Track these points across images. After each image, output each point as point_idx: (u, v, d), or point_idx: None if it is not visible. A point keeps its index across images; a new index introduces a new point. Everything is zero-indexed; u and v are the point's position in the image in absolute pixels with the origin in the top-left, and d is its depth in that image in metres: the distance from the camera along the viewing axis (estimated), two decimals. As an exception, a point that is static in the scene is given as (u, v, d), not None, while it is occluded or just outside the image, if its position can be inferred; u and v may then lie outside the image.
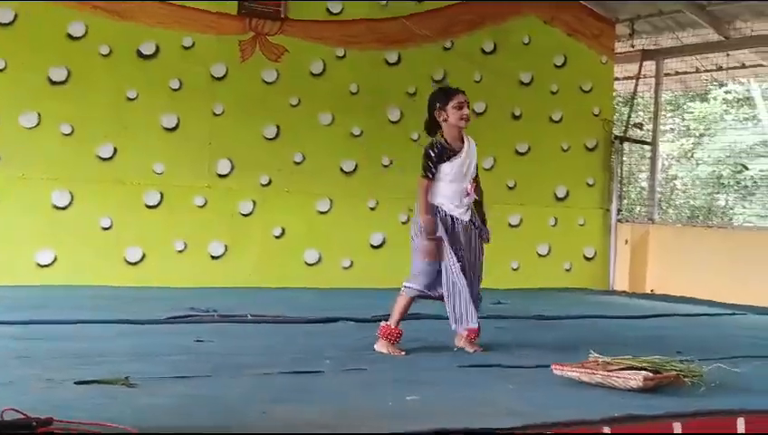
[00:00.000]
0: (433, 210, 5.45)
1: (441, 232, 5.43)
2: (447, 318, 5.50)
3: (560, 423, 3.44)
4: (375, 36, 9.96)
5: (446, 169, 5.46)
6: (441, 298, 5.48)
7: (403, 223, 9.41)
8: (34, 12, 8.52)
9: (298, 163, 9.67)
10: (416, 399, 3.92)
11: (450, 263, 5.40)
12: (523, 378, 4.58)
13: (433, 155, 5.46)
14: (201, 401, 3.76)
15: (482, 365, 4.91)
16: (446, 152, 5.47)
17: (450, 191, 5.48)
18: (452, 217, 5.49)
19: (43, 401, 3.54)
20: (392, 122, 9.96)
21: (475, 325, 5.44)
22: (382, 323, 5.45)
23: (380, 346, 5.36)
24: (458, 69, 10.37)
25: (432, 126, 5.59)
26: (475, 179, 5.63)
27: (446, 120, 5.52)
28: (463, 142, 5.56)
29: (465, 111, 5.53)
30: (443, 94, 5.62)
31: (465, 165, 5.53)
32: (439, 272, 5.47)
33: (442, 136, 5.54)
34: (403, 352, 5.31)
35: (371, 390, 4.17)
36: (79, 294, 7.84)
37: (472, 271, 5.53)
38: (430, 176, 5.46)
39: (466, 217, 5.56)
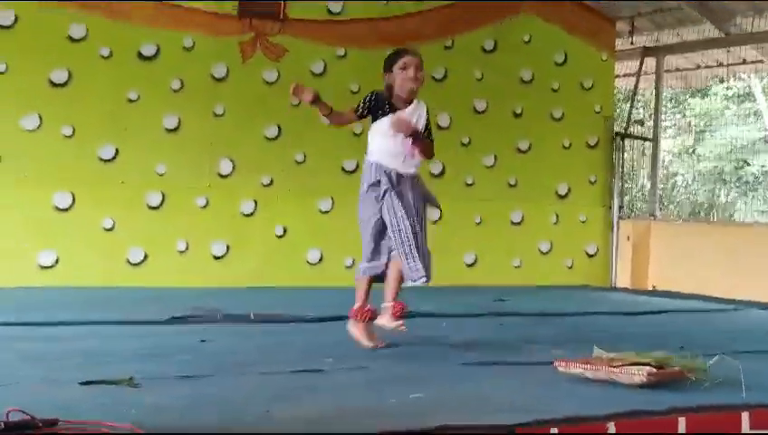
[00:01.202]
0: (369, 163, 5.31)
1: (386, 184, 5.24)
2: (446, 315, 5.52)
3: (564, 419, 3.44)
4: (376, 35, 9.95)
5: (385, 123, 5.29)
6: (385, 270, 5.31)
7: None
8: (35, 14, 8.53)
9: (299, 163, 9.67)
10: (419, 396, 3.93)
11: (397, 210, 5.20)
12: (526, 374, 4.58)
13: (367, 98, 5.34)
14: (206, 400, 3.76)
15: (485, 362, 4.90)
16: (381, 103, 5.31)
17: (391, 147, 5.29)
18: (395, 172, 5.29)
19: (48, 401, 3.55)
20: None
21: (424, 279, 5.18)
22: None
23: (351, 326, 5.34)
24: (459, 67, 10.39)
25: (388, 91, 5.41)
26: (427, 139, 5.40)
27: (393, 83, 5.38)
28: (410, 103, 5.38)
29: (411, 71, 5.33)
30: (389, 57, 5.45)
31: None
32: (380, 234, 5.31)
33: (389, 92, 5.37)
34: (381, 344, 5.26)
35: (374, 387, 4.17)
36: (81, 296, 7.84)
37: (418, 225, 5.26)
38: (356, 109, 5.34)
39: (411, 171, 5.35)
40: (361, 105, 5.37)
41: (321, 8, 9.77)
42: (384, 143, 5.33)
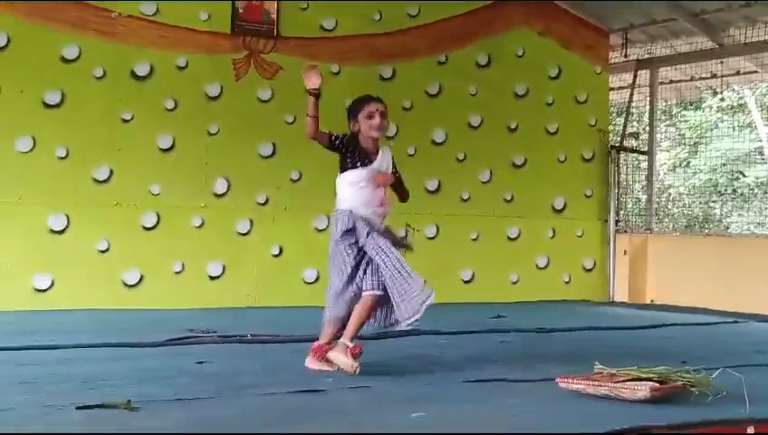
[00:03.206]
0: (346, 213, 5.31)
1: (365, 227, 5.25)
2: (445, 332, 5.50)
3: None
4: (369, 51, 9.96)
5: (352, 176, 5.34)
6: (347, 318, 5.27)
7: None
8: (28, 35, 8.51)
9: (295, 181, 9.64)
10: (422, 415, 3.89)
11: (383, 247, 5.20)
12: (528, 392, 4.55)
13: (342, 136, 5.37)
14: (205, 423, 3.72)
15: (486, 380, 4.87)
16: (358, 150, 5.34)
17: (360, 197, 5.32)
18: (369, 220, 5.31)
19: (46, 426, 3.51)
20: (388, 137, 9.90)
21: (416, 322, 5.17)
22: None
23: (310, 361, 5.28)
24: (453, 82, 10.38)
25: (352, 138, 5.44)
26: (397, 182, 5.49)
27: (359, 131, 5.42)
28: (377, 153, 5.42)
29: (377, 120, 5.36)
30: (353, 105, 5.49)
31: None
32: (350, 281, 5.29)
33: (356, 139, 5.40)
34: (332, 369, 5.13)
35: (375, 407, 4.13)
36: (77, 319, 7.79)
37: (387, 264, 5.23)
38: (331, 136, 5.34)
39: (381, 224, 5.39)
40: (339, 137, 5.38)
41: (315, 25, 9.76)
42: (358, 193, 5.34)
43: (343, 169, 5.41)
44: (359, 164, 5.36)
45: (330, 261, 5.46)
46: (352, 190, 5.37)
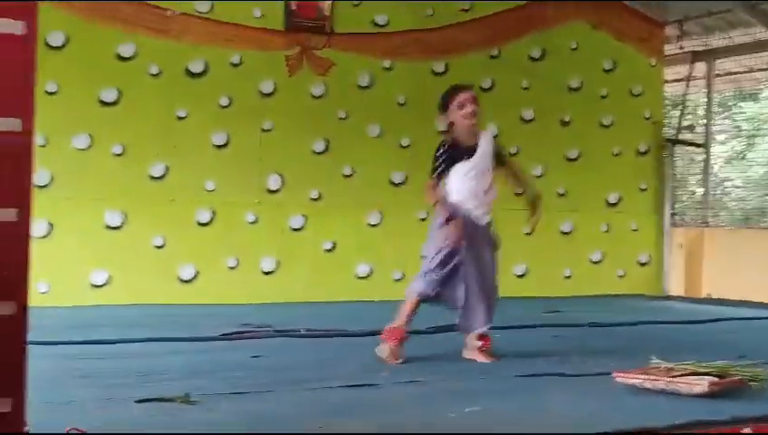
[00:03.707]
0: (452, 207, 5.42)
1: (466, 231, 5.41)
2: (498, 327, 5.54)
3: (626, 431, 3.37)
4: (421, 47, 9.95)
5: (461, 168, 5.44)
6: (443, 300, 5.48)
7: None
8: (85, 34, 8.62)
9: (347, 176, 9.67)
10: (476, 410, 3.88)
11: (468, 263, 5.39)
12: (584, 386, 4.52)
13: (439, 156, 5.46)
14: (261, 416, 3.75)
15: (541, 374, 4.85)
16: (456, 152, 5.45)
17: (468, 189, 5.45)
18: (472, 219, 5.45)
19: (104, 420, 3.55)
20: (441, 132, 9.86)
21: (484, 329, 5.43)
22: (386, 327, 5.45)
23: (380, 350, 5.34)
24: (506, 77, 10.33)
25: (447, 130, 5.60)
26: (506, 166, 5.79)
27: (453, 123, 5.51)
28: (477, 139, 5.52)
29: (469, 108, 5.47)
30: (443, 98, 5.60)
31: (482, 164, 5.50)
32: (452, 273, 5.43)
33: (452, 135, 5.53)
34: (400, 361, 5.25)
35: (430, 402, 4.13)
36: (134, 314, 7.88)
37: (484, 273, 5.48)
38: (435, 177, 5.45)
39: (485, 220, 5.55)
40: (437, 167, 5.47)
41: (367, 21, 9.77)
42: (465, 186, 5.46)
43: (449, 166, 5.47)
44: (465, 157, 5.45)
45: (429, 240, 5.61)
46: (457, 182, 5.47)
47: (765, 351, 5.74)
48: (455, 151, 5.45)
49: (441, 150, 5.47)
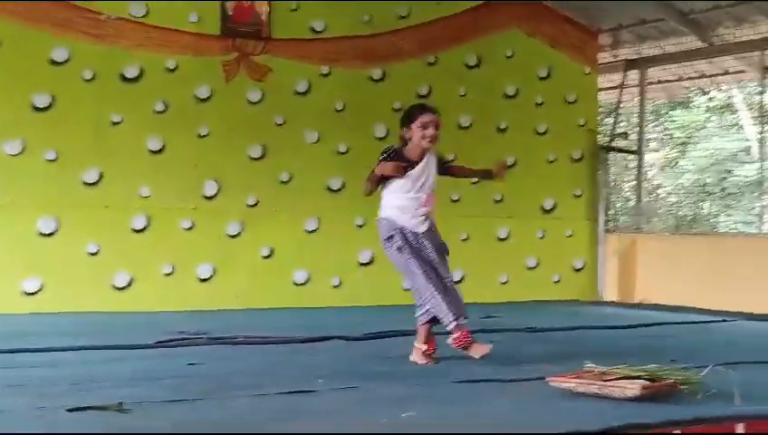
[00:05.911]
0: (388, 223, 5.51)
1: (401, 243, 5.48)
2: (434, 333, 5.57)
3: (559, 435, 3.41)
4: (359, 53, 9.97)
5: (395, 185, 5.49)
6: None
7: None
8: (17, 38, 8.49)
9: (285, 182, 9.64)
10: (412, 415, 3.89)
11: (419, 267, 5.48)
12: (518, 391, 4.55)
13: (385, 155, 5.49)
14: (197, 424, 3.72)
15: (476, 380, 4.87)
16: (398, 159, 5.46)
17: (403, 203, 5.49)
18: (410, 232, 5.51)
19: (37, 429, 3.50)
20: (378, 139, 9.91)
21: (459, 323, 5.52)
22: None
23: (474, 352, 5.49)
24: (443, 84, 10.39)
25: (402, 142, 5.63)
26: (451, 172, 5.93)
27: (410, 139, 5.54)
28: (423, 158, 5.55)
29: (430, 130, 5.52)
30: (408, 114, 5.63)
31: (422, 179, 5.54)
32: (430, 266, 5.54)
33: (402, 146, 5.57)
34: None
35: (366, 407, 4.13)
36: (67, 321, 7.78)
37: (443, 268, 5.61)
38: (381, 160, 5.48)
39: (423, 229, 5.58)
40: (388, 155, 5.50)
41: (305, 27, 9.76)
42: (397, 201, 5.51)
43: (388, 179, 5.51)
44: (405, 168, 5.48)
45: (397, 266, 5.63)
46: (393, 196, 5.52)
47: (696, 355, 5.83)
48: (398, 159, 5.47)
49: (386, 155, 5.50)
